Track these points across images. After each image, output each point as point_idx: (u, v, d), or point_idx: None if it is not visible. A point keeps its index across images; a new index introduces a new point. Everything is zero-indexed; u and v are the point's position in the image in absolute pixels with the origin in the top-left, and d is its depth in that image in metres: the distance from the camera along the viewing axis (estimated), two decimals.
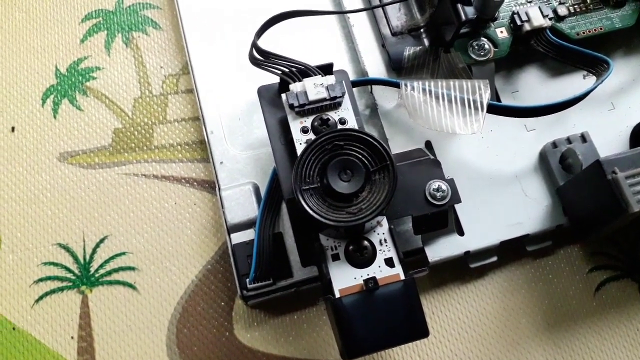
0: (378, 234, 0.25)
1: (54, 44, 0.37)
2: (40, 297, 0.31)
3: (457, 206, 0.30)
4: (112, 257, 0.32)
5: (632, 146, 0.32)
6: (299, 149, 0.25)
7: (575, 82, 0.33)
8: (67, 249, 0.32)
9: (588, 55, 0.31)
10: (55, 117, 0.35)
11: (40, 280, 0.32)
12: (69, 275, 0.32)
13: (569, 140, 0.31)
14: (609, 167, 0.26)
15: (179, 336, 0.31)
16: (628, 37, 0.34)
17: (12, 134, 0.35)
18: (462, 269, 0.31)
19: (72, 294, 0.31)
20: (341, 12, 0.34)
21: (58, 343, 0.31)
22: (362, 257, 0.25)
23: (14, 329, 0.31)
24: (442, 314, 0.31)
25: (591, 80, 0.32)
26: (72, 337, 0.31)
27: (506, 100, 0.33)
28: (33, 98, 0.36)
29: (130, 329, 0.31)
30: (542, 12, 0.31)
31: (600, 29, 0.32)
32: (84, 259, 0.32)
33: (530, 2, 0.32)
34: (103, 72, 0.36)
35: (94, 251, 0.32)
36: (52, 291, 0.31)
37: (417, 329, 0.24)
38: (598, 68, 0.31)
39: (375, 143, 0.24)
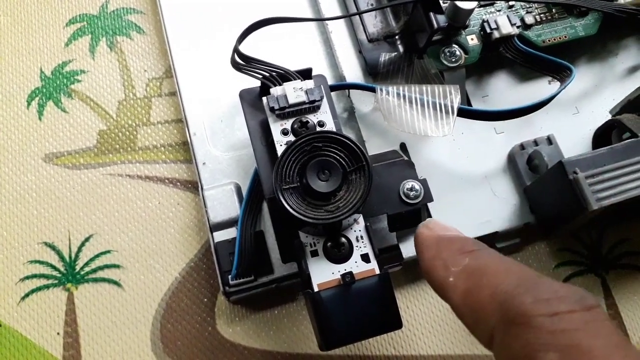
0: (355, 231, 0.26)
1: (38, 47, 0.37)
2: (27, 295, 0.32)
3: (429, 205, 0.31)
4: (97, 255, 0.33)
5: (594, 148, 0.33)
6: (279, 150, 0.26)
7: (542, 88, 0.35)
8: (52, 247, 0.33)
9: (552, 62, 0.32)
10: (40, 119, 0.36)
11: (27, 278, 0.32)
12: (55, 273, 0.32)
13: (535, 142, 0.33)
14: (570, 168, 0.27)
15: (163, 331, 0.32)
16: (591, 45, 0.36)
17: None
18: None
19: (57, 291, 0.32)
20: (320, 19, 0.35)
21: (44, 339, 0.31)
22: (339, 253, 0.25)
23: (0, 325, 0.31)
24: (416, 307, 0.33)
25: (556, 85, 0.33)
26: (58, 333, 0.31)
27: (477, 105, 0.34)
28: (18, 100, 0.36)
29: (115, 325, 0.32)
30: (510, 21, 0.32)
31: (565, 37, 0.34)
32: (70, 257, 0.33)
33: (499, 11, 0.34)
34: (88, 75, 0.37)
35: (79, 249, 0.33)
36: (38, 288, 0.32)
37: (391, 321, 0.25)
38: (562, 74, 0.32)
39: (352, 145, 0.25)
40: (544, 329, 0.16)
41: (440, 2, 0.31)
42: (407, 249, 0.31)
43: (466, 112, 0.30)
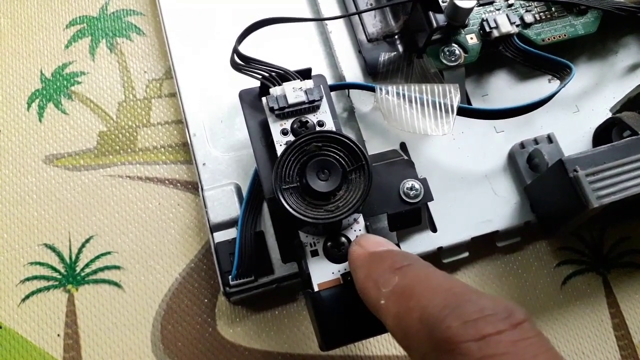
0: (355, 230, 0.26)
1: (39, 49, 0.37)
2: (27, 296, 0.32)
3: (430, 204, 0.31)
4: (98, 257, 0.33)
5: (595, 146, 0.33)
6: (279, 150, 0.26)
7: (541, 86, 0.35)
8: (53, 249, 0.33)
9: (552, 61, 0.32)
10: (40, 120, 0.36)
11: (27, 279, 0.32)
12: (55, 274, 0.32)
13: (536, 141, 0.33)
14: (570, 166, 0.27)
15: (163, 332, 0.32)
16: (591, 43, 0.36)
17: None
18: (435, 264, 0.32)
19: (58, 293, 0.32)
20: (319, 19, 0.36)
21: (44, 341, 0.31)
22: (339, 252, 0.25)
23: (0, 327, 0.31)
24: None
25: (556, 84, 0.34)
26: (58, 335, 0.31)
27: (476, 104, 0.34)
28: (18, 102, 0.36)
29: (115, 326, 0.32)
30: (509, 20, 0.32)
31: (565, 35, 0.34)
32: (70, 258, 0.33)
33: (498, 9, 0.34)
34: (88, 77, 0.37)
35: (79, 251, 0.33)
36: (39, 290, 0.32)
37: None
38: (562, 72, 0.32)
39: (351, 144, 0.25)
40: (472, 355, 0.16)
41: (440, 1, 0.31)
42: (408, 248, 0.31)
43: (466, 111, 0.30)
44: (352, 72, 0.34)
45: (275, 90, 0.27)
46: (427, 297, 0.19)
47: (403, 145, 0.33)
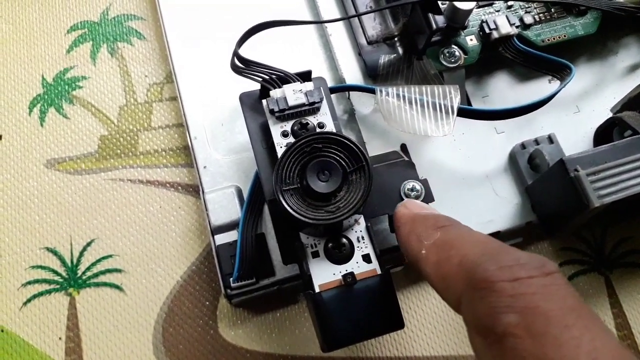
0: (356, 231, 0.26)
1: (40, 55, 0.38)
2: (29, 300, 0.32)
3: (431, 205, 0.31)
4: (99, 260, 0.33)
5: (595, 146, 0.33)
6: (280, 152, 0.26)
7: (542, 87, 0.35)
8: (54, 252, 0.33)
9: (552, 61, 0.32)
10: (42, 125, 0.36)
11: (29, 283, 0.32)
12: (57, 278, 0.32)
13: (536, 141, 0.33)
14: (571, 166, 0.27)
15: (165, 335, 0.32)
16: (591, 44, 0.36)
17: (0, 142, 0.35)
18: None
19: (59, 296, 0.32)
20: (319, 22, 0.36)
21: (46, 344, 0.31)
22: (340, 253, 0.25)
23: (2, 330, 0.31)
24: (418, 308, 0.32)
25: (556, 84, 0.34)
26: (60, 338, 0.31)
27: (477, 105, 0.34)
28: (20, 107, 0.36)
29: (117, 329, 0.32)
30: (509, 21, 0.33)
31: (564, 36, 0.34)
32: (72, 262, 0.33)
33: (498, 11, 0.34)
34: (89, 82, 0.37)
35: (81, 254, 0.33)
36: (40, 294, 0.32)
37: (393, 321, 0.25)
38: (562, 73, 0.32)
39: (352, 145, 0.25)
40: (505, 292, 0.18)
41: (439, 3, 0.31)
42: None
43: (466, 112, 0.30)
44: (352, 74, 0.35)
45: (275, 93, 0.27)
46: (467, 248, 0.21)
47: (404, 147, 0.33)
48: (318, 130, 0.27)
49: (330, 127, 0.27)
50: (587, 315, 0.17)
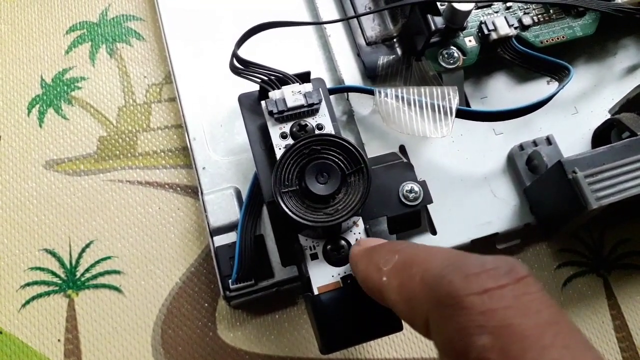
0: (354, 233, 0.26)
1: (39, 55, 0.38)
2: (27, 302, 0.32)
3: (429, 207, 0.31)
4: (98, 262, 0.33)
5: (593, 148, 0.33)
6: (279, 153, 0.26)
7: (540, 88, 0.35)
8: (53, 254, 0.33)
9: (550, 62, 0.32)
10: (41, 126, 0.36)
11: (27, 285, 0.32)
12: (56, 279, 0.32)
13: (535, 143, 0.33)
14: (569, 167, 0.27)
15: (164, 337, 0.32)
16: (589, 45, 0.36)
17: None
18: None
19: (58, 298, 0.32)
20: (318, 23, 0.36)
21: (45, 346, 0.31)
22: (339, 255, 0.25)
23: (1, 332, 0.31)
24: None
25: (554, 85, 0.34)
26: (58, 340, 0.31)
27: (475, 106, 0.34)
28: (19, 107, 0.36)
29: (116, 331, 0.32)
30: (507, 22, 0.33)
31: (563, 37, 0.34)
32: (70, 263, 0.33)
33: (496, 12, 0.34)
34: (88, 82, 0.37)
35: (79, 256, 0.33)
36: (39, 295, 0.32)
37: (391, 324, 0.25)
38: (560, 74, 0.32)
39: (350, 147, 0.25)
40: (475, 309, 0.16)
41: (438, 4, 0.31)
42: None
43: (465, 113, 0.30)
44: (351, 75, 0.34)
45: (274, 94, 0.27)
46: (428, 261, 0.19)
47: (402, 148, 0.33)
48: (317, 131, 0.27)
49: (329, 128, 0.27)
50: (566, 329, 0.16)
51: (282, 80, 0.28)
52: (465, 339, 0.16)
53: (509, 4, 0.34)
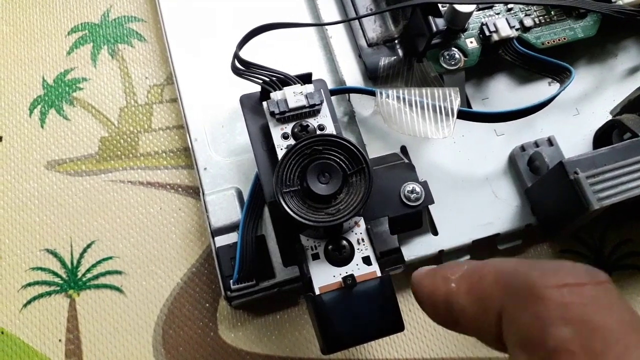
0: (356, 233, 0.26)
1: (40, 56, 0.38)
2: (29, 302, 0.32)
3: (431, 207, 0.31)
4: (99, 262, 0.33)
5: (595, 149, 0.33)
6: (280, 154, 0.26)
7: (541, 89, 0.35)
8: (54, 254, 0.33)
9: (552, 64, 0.32)
10: (42, 126, 0.36)
11: (29, 285, 0.32)
12: (57, 279, 0.32)
13: (536, 144, 0.33)
14: (571, 168, 0.27)
15: (165, 337, 0.32)
16: (590, 47, 0.36)
17: (0, 143, 0.35)
18: None
19: (59, 298, 0.32)
20: (320, 25, 0.36)
21: (46, 346, 0.31)
22: (340, 256, 0.25)
23: (2, 332, 0.31)
24: (418, 310, 0.32)
25: (556, 87, 0.34)
26: (59, 340, 0.31)
27: (477, 107, 0.34)
28: (20, 108, 0.36)
29: (117, 331, 0.32)
30: (509, 23, 0.33)
31: (564, 38, 0.34)
32: (72, 263, 0.33)
33: (498, 13, 0.34)
34: (89, 83, 0.37)
35: (81, 256, 0.33)
36: (40, 295, 0.32)
37: (393, 324, 0.25)
38: (561, 75, 0.32)
39: (352, 147, 0.25)
40: (554, 300, 0.15)
41: (439, 5, 0.31)
42: (409, 252, 0.31)
43: (466, 114, 0.30)
44: (353, 76, 0.34)
45: (275, 95, 0.27)
46: (500, 264, 0.18)
47: (404, 149, 0.33)
48: (318, 132, 0.27)
49: (330, 129, 0.27)
50: None
51: (284, 81, 0.28)
52: (543, 328, 0.15)
53: (510, 5, 0.34)
